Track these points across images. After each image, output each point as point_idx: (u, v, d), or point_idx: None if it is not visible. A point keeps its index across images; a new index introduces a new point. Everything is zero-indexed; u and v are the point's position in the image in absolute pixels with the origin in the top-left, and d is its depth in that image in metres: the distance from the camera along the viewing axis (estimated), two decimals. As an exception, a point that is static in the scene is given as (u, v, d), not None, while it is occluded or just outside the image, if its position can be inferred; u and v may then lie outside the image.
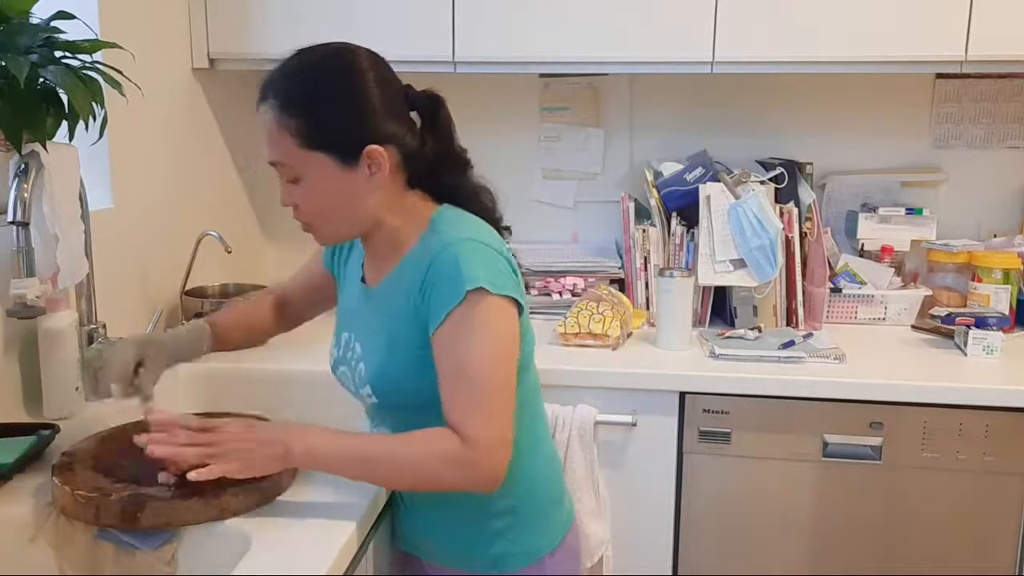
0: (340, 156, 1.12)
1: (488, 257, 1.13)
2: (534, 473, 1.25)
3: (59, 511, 1.13)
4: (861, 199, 2.23)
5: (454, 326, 1.09)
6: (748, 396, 1.73)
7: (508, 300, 1.12)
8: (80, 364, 1.48)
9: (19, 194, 1.25)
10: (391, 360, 1.17)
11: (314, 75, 1.13)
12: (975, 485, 1.71)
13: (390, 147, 1.14)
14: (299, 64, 1.14)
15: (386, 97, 1.14)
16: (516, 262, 1.20)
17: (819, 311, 2.02)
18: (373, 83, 1.13)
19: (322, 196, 1.14)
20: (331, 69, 1.13)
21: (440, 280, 1.10)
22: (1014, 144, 2.22)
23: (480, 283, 1.08)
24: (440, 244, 1.13)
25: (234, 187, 2.27)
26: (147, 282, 1.83)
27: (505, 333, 1.12)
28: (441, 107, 1.20)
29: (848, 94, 2.23)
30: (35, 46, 1.27)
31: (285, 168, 1.15)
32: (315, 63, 1.14)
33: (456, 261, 1.10)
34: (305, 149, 1.11)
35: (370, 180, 1.13)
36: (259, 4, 1.98)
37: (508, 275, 1.14)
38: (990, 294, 2.01)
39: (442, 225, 1.17)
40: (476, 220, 1.20)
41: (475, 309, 1.09)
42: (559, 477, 1.34)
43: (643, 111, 2.30)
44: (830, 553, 1.77)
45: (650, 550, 1.80)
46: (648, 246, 2.05)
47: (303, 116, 1.11)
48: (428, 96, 1.20)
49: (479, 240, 1.14)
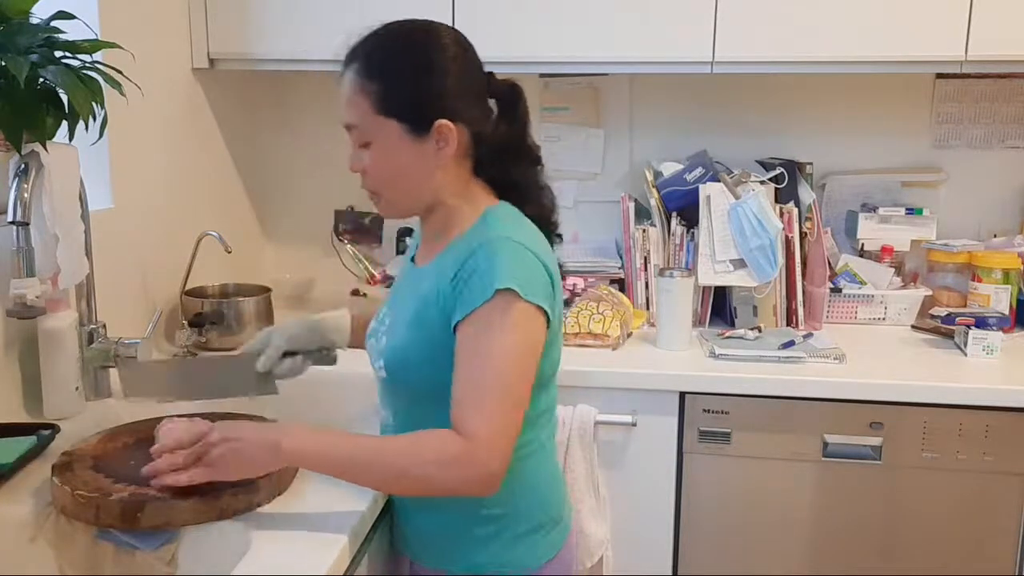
0: (411, 125, 1.14)
1: (527, 261, 1.12)
2: (532, 489, 1.22)
3: (59, 511, 1.13)
4: (861, 199, 2.23)
5: (477, 323, 1.08)
6: (748, 396, 1.73)
7: (536, 309, 1.10)
8: (80, 364, 1.48)
9: (19, 194, 1.25)
10: (409, 339, 1.17)
11: (397, 45, 1.16)
12: (975, 485, 1.71)
13: (460, 125, 1.15)
14: (384, 34, 1.17)
15: (464, 77, 1.16)
16: (559, 274, 1.19)
17: (819, 311, 2.02)
18: (452, 61, 1.15)
19: (389, 163, 1.16)
20: (414, 41, 1.16)
21: (473, 275, 1.09)
22: (1014, 144, 2.22)
23: (511, 285, 1.07)
24: (483, 238, 1.12)
25: (234, 187, 2.27)
26: (147, 282, 1.83)
27: (526, 340, 1.10)
28: (520, 98, 1.22)
29: (848, 94, 2.23)
30: (35, 46, 1.27)
31: (357, 132, 1.17)
32: (400, 34, 1.17)
33: (492, 259, 1.09)
34: (379, 114, 1.14)
35: (437, 154, 1.15)
36: (259, 4, 1.98)
37: (543, 284, 1.13)
38: (990, 294, 2.01)
39: (492, 220, 1.16)
40: (527, 223, 1.19)
41: (501, 310, 1.07)
42: (559, 500, 1.28)
43: (643, 111, 2.30)
44: (830, 553, 1.77)
45: (650, 550, 1.80)
46: (648, 246, 2.05)
47: (380, 81, 1.13)
48: (508, 85, 1.22)
49: (522, 243, 1.13)
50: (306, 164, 2.41)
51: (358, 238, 2.39)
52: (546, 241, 1.21)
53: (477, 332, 1.08)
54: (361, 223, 2.40)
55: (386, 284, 2.11)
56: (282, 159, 2.41)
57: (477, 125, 1.17)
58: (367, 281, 2.17)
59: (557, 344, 1.21)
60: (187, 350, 1.81)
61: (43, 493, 1.16)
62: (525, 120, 1.23)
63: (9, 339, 1.45)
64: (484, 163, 1.21)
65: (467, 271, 1.10)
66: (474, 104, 1.17)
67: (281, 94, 2.37)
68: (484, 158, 1.20)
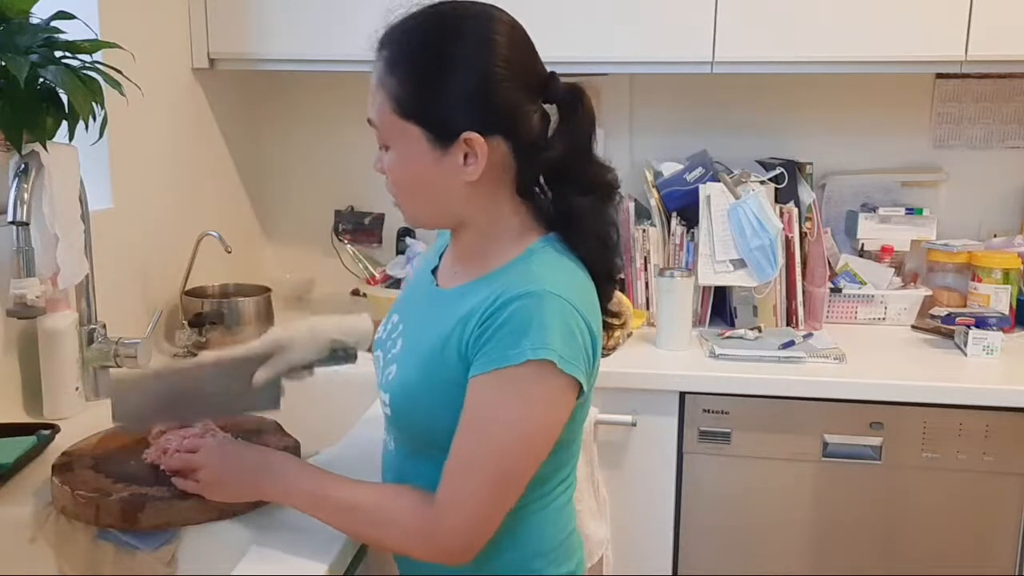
0: (434, 134, 0.97)
1: (571, 326, 0.94)
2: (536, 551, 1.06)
3: (59, 511, 1.13)
4: (861, 199, 2.23)
5: (498, 385, 0.93)
6: (748, 396, 1.73)
7: (571, 381, 0.95)
8: (80, 364, 1.48)
9: (19, 194, 1.25)
10: (420, 378, 1.02)
11: (433, 36, 0.98)
12: (975, 485, 1.71)
13: (497, 139, 0.97)
14: (424, 19, 0.99)
15: (508, 78, 0.97)
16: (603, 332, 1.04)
17: (819, 311, 2.02)
18: (499, 60, 0.96)
19: (407, 172, 1.00)
20: (454, 33, 0.97)
21: (505, 328, 0.92)
22: (1014, 144, 2.22)
23: (550, 357, 0.91)
24: (523, 286, 0.94)
25: (234, 187, 2.27)
26: (147, 282, 1.83)
27: (548, 416, 0.96)
28: (580, 105, 1.02)
29: (848, 94, 2.23)
30: (35, 46, 1.27)
31: (377, 131, 1.01)
32: (440, 22, 0.99)
33: (533, 318, 0.92)
34: (398, 116, 0.98)
35: (463, 170, 0.97)
36: (259, 4, 1.98)
37: (583, 351, 0.96)
38: (990, 294, 2.01)
39: (537, 262, 0.99)
40: (576, 272, 1.01)
41: (530, 380, 0.92)
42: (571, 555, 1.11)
43: (643, 111, 2.30)
44: (830, 553, 1.77)
45: (650, 550, 1.80)
46: (648, 246, 2.04)
47: (401, 78, 0.97)
48: (569, 88, 1.02)
49: (569, 300, 0.95)
50: (306, 164, 2.41)
51: (358, 238, 2.38)
52: (593, 291, 1.03)
53: (492, 395, 0.93)
54: (361, 223, 2.40)
55: (386, 284, 2.11)
56: (282, 159, 2.41)
57: (522, 138, 0.99)
58: (367, 281, 2.17)
59: (590, 400, 1.05)
60: (187, 350, 1.81)
61: (43, 493, 1.16)
62: (586, 134, 1.03)
63: (9, 339, 1.45)
64: (531, 184, 1.03)
65: (499, 322, 0.93)
66: (519, 112, 0.98)
67: (281, 94, 2.37)
68: (531, 178, 1.02)
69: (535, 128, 1.00)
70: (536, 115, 1.00)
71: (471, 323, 0.96)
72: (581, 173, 1.03)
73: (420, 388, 1.02)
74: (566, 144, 1.01)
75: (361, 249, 2.32)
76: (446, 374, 0.98)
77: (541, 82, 1.02)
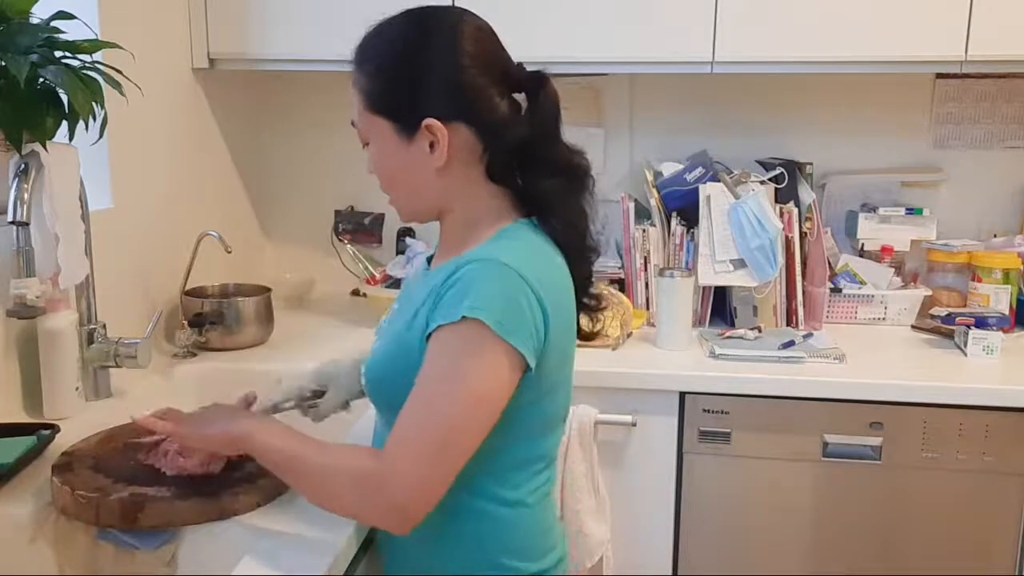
0: (399, 124, 1.04)
1: (517, 296, 0.96)
2: (511, 548, 1.07)
3: (59, 511, 1.13)
4: (861, 199, 2.23)
5: (437, 342, 0.96)
6: (748, 396, 1.73)
7: (511, 350, 0.95)
8: (80, 364, 1.48)
9: (19, 194, 1.25)
10: (393, 350, 1.06)
11: (398, 33, 1.05)
12: (975, 485, 1.71)
13: (458, 124, 1.03)
14: (388, 22, 1.07)
15: (472, 68, 1.02)
16: (574, 311, 1.08)
17: (819, 311, 2.02)
18: (459, 52, 1.02)
19: (385, 164, 1.08)
20: (418, 30, 1.04)
21: (452, 290, 0.97)
22: (1014, 144, 2.22)
23: (481, 316, 0.93)
24: (477, 255, 0.99)
25: (234, 187, 2.27)
26: (147, 282, 1.83)
27: (484, 384, 0.95)
28: (542, 90, 1.06)
29: (848, 94, 2.23)
30: (35, 46, 1.27)
31: (358, 130, 1.09)
32: (406, 21, 1.06)
33: (474, 281, 0.96)
34: (370, 111, 1.06)
35: (430, 158, 1.03)
36: (259, 4, 1.98)
37: (527, 323, 0.97)
38: (990, 294, 2.01)
39: (503, 240, 1.03)
40: (543, 251, 1.05)
41: (465, 341, 0.94)
42: (550, 550, 1.12)
43: (643, 111, 2.30)
44: (830, 553, 1.77)
45: (650, 550, 1.80)
46: (648, 246, 2.05)
47: (371, 76, 1.05)
48: (531, 74, 1.07)
49: (519, 271, 0.97)
50: (306, 164, 2.41)
51: (358, 238, 2.39)
52: (563, 272, 1.06)
53: (432, 352, 0.97)
54: (361, 223, 2.40)
55: (386, 284, 2.11)
56: (282, 159, 2.41)
57: (485, 123, 1.03)
58: (367, 281, 2.17)
59: (564, 387, 1.08)
60: (187, 350, 1.81)
61: (43, 493, 1.16)
62: (552, 116, 1.07)
63: (9, 339, 1.44)
64: (502, 169, 1.06)
65: (446, 287, 0.98)
66: (480, 98, 1.03)
67: (281, 94, 2.37)
68: (500, 162, 1.06)
69: (499, 113, 1.04)
70: (502, 102, 1.05)
71: (432, 296, 1.00)
72: (548, 156, 1.07)
73: (392, 359, 1.06)
74: (531, 127, 1.05)
75: (361, 249, 2.32)
76: (414, 342, 1.01)
77: (504, 71, 1.06)
